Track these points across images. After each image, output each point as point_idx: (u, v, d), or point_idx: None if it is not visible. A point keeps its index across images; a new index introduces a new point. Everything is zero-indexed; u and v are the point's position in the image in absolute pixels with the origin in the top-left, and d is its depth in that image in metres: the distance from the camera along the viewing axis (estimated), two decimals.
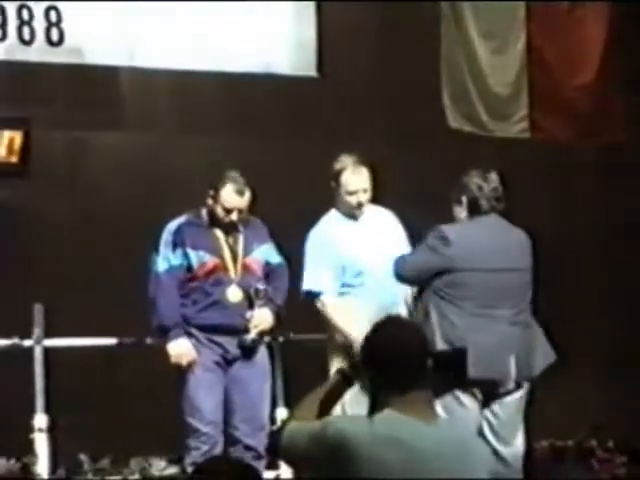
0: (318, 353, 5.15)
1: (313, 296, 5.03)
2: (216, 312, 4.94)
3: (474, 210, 4.60)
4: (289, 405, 5.63)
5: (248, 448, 4.91)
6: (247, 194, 4.98)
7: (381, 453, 2.65)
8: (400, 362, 2.75)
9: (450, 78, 7.09)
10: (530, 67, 7.26)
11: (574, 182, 7.35)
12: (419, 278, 4.64)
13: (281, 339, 5.76)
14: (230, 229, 5.01)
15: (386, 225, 5.11)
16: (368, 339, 2.83)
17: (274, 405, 5.48)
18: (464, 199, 4.62)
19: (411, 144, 6.91)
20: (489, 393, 4.49)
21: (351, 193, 5.03)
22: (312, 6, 6.82)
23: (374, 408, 2.77)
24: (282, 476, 5.48)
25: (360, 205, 5.04)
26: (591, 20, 7.43)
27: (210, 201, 5.01)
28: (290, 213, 6.37)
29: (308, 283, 5.02)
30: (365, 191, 5.05)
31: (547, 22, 7.31)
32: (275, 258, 5.13)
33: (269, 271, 5.08)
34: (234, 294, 4.98)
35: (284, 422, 2.90)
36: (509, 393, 4.52)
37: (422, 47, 6.96)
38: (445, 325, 4.43)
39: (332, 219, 5.10)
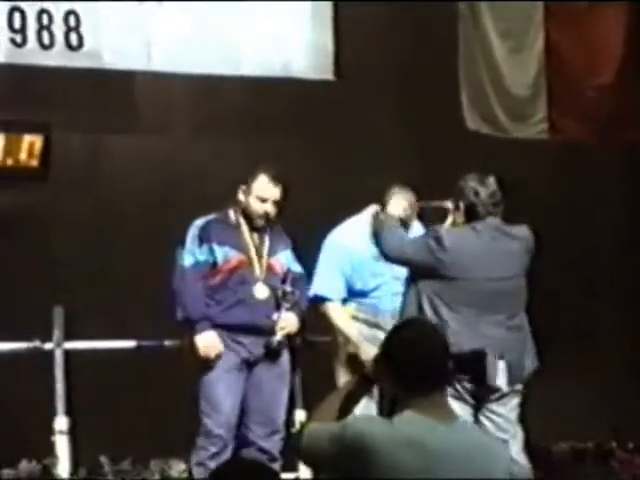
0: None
1: (320, 301, 5.05)
2: (241, 311, 4.95)
3: (471, 216, 4.51)
4: (307, 407, 5.63)
5: (262, 451, 4.92)
6: (280, 185, 5.00)
7: (400, 454, 2.65)
8: (421, 364, 2.75)
9: (468, 79, 7.07)
10: (549, 68, 7.23)
11: (594, 183, 7.33)
12: (399, 262, 4.61)
13: (298, 341, 5.77)
14: (260, 227, 5.02)
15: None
16: (389, 340, 2.83)
17: (292, 407, 5.49)
18: (461, 205, 4.55)
19: (429, 146, 6.90)
20: (482, 398, 4.46)
21: (406, 211, 4.92)
22: (329, 8, 6.82)
23: (393, 409, 2.77)
24: (301, 478, 5.48)
25: (408, 222, 4.93)
26: (610, 20, 7.40)
27: (242, 196, 5.03)
28: (308, 216, 6.37)
29: (317, 287, 5.05)
30: (411, 209, 4.98)
31: (565, 22, 7.27)
32: (296, 267, 5.16)
33: (291, 279, 5.08)
34: (261, 291, 4.99)
35: (303, 424, 2.91)
36: (503, 397, 4.49)
37: (440, 48, 6.95)
38: (442, 328, 4.40)
39: (353, 224, 5.10)
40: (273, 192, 5.01)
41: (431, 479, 2.66)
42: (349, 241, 5.06)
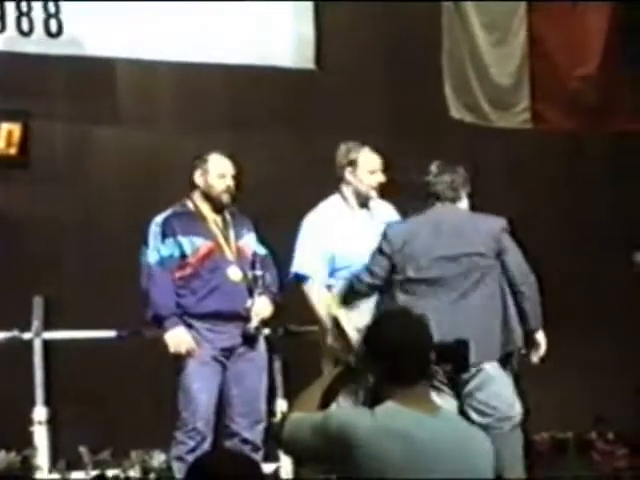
0: (317, 345, 5.14)
1: (300, 279, 5.04)
2: (217, 298, 4.92)
3: (428, 201, 4.83)
4: (288, 397, 5.61)
5: (245, 441, 4.90)
6: (231, 159, 5.06)
7: (383, 444, 2.64)
8: (404, 355, 2.73)
9: (452, 69, 7.06)
10: (532, 58, 7.22)
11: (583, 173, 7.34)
12: (381, 280, 4.80)
13: (280, 331, 5.75)
14: (225, 204, 5.04)
15: (386, 219, 5.09)
16: (371, 330, 2.81)
17: (273, 397, 5.47)
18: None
19: (412, 136, 6.88)
20: (455, 382, 4.57)
21: (372, 172, 5.05)
22: None
23: (375, 400, 2.76)
24: (282, 468, 5.46)
25: (378, 187, 5.05)
26: (593, 9, 7.40)
27: (201, 180, 5.03)
28: (290, 205, 6.35)
29: (297, 266, 5.03)
30: (382, 171, 5.08)
31: (549, 13, 7.27)
32: (262, 249, 5.15)
33: (259, 261, 5.07)
34: (235, 274, 4.97)
35: (285, 414, 2.89)
36: (472, 377, 4.58)
37: (423, 38, 6.93)
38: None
39: (332, 205, 5.12)
40: (229, 166, 5.06)
41: (414, 468, 2.64)
42: (328, 220, 5.06)
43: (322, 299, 4.99)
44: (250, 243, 5.10)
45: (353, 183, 5.09)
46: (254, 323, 4.96)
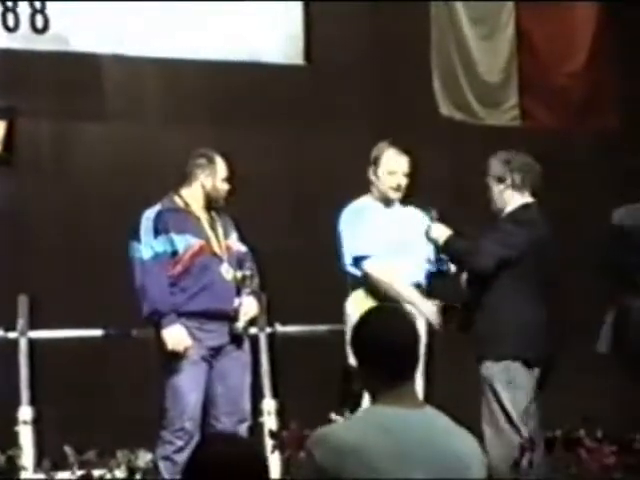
0: (305, 344, 5.13)
1: (360, 261, 5.01)
2: (207, 297, 4.90)
3: None
4: (276, 396, 5.59)
5: None
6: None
7: (370, 448, 2.61)
8: (389, 353, 2.71)
9: (440, 66, 7.05)
10: (520, 55, 7.22)
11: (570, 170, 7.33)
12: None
13: (269, 330, 5.73)
14: (212, 210, 5.04)
15: (415, 221, 5.08)
16: (356, 330, 2.78)
17: (261, 396, 5.45)
18: None
19: (400, 132, 6.85)
20: None
21: (392, 173, 5.04)
22: None
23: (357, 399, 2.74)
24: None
25: (399, 187, 5.04)
26: (581, 7, 7.39)
27: (205, 178, 5.02)
28: (278, 201, 6.32)
29: (353, 249, 5.01)
30: (405, 175, 5.05)
31: (537, 9, 7.26)
32: (244, 247, 5.14)
33: (242, 259, 5.07)
34: (227, 272, 4.96)
35: None
36: None
37: (412, 34, 6.91)
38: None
39: (365, 202, 5.13)
40: (227, 169, 5.08)
41: (400, 465, 2.62)
42: (367, 211, 5.08)
43: (384, 269, 4.95)
44: (235, 241, 5.09)
45: (374, 182, 5.08)
46: (241, 322, 4.94)
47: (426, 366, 4.64)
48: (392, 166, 5.05)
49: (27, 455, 5.33)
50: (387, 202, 5.10)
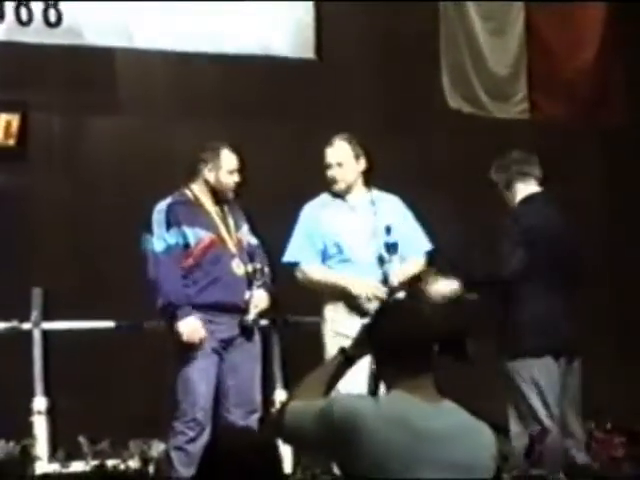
0: (315, 335, 5.15)
1: (292, 266, 5.09)
2: (218, 290, 4.93)
3: None
4: (287, 387, 5.62)
5: None
6: (237, 153, 5.09)
7: (387, 433, 2.64)
8: (409, 347, 2.74)
9: (449, 59, 7.06)
10: (529, 48, 7.23)
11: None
12: None
13: (279, 321, 5.75)
14: (228, 199, 5.05)
15: (382, 213, 5.09)
16: (376, 320, 2.81)
17: (272, 387, 5.47)
18: None
19: (410, 126, 6.88)
20: None
21: (326, 166, 5.10)
22: None
23: (376, 388, 2.76)
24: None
25: (334, 179, 5.09)
26: (591, 2, 7.39)
27: (210, 174, 5.01)
28: (288, 196, 6.34)
29: (288, 255, 5.11)
30: (340, 165, 5.10)
31: (546, 4, 7.26)
32: (254, 239, 5.16)
33: (252, 252, 5.10)
34: (238, 266, 4.98)
35: (284, 403, 2.89)
36: None
37: (422, 28, 6.92)
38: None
39: (323, 198, 5.19)
40: (237, 162, 5.07)
41: (416, 458, 2.65)
42: (320, 212, 5.11)
43: (316, 269, 5.01)
44: (246, 234, 5.11)
45: None
46: (252, 315, 4.97)
47: None
48: (325, 159, 5.11)
49: (41, 445, 5.36)
50: (343, 193, 5.12)
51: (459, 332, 4.32)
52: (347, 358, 2.89)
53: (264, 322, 5.25)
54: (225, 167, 5.03)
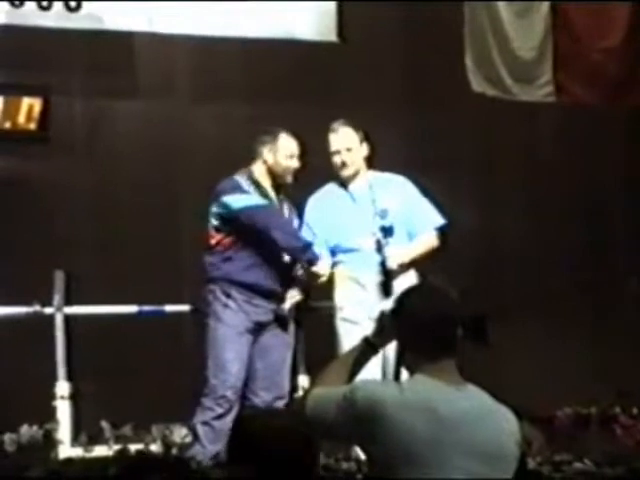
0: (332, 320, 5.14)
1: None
2: (259, 272, 4.95)
3: None
4: (310, 372, 5.60)
5: None
6: (297, 139, 5.12)
7: (411, 418, 2.62)
8: (431, 328, 2.71)
9: (473, 42, 7.00)
10: (555, 31, 7.15)
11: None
12: None
13: (303, 307, 5.73)
14: (284, 184, 5.07)
15: (381, 197, 5.05)
16: (400, 302, 2.78)
17: (295, 373, 5.46)
18: None
19: (434, 109, 6.83)
20: None
21: (334, 153, 5.06)
22: None
23: (398, 370, 2.74)
24: None
25: (344, 164, 5.05)
26: None
27: (270, 155, 5.01)
28: (312, 179, 6.30)
29: None
30: (349, 150, 5.06)
31: None
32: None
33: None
34: (283, 254, 5.00)
35: (307, 389, 2.87)
36: None
37: (445, 11, 6.86)
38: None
39: (327, 189, 5.17)
40: (297, 147, 5.09)
41: (440, 443, 2.62)
42: (324, 202, 5.11)
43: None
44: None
45: None
46: (288, 304, 4.98)
47: None
48: (332, 146, 5.09)
49: (64, 429, 5.38)
50: (348, 181, 5.10)
51: (482, 316, 4.31)
52: (370, 345, 2.86)
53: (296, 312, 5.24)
54: (284, 151, 5.04)
